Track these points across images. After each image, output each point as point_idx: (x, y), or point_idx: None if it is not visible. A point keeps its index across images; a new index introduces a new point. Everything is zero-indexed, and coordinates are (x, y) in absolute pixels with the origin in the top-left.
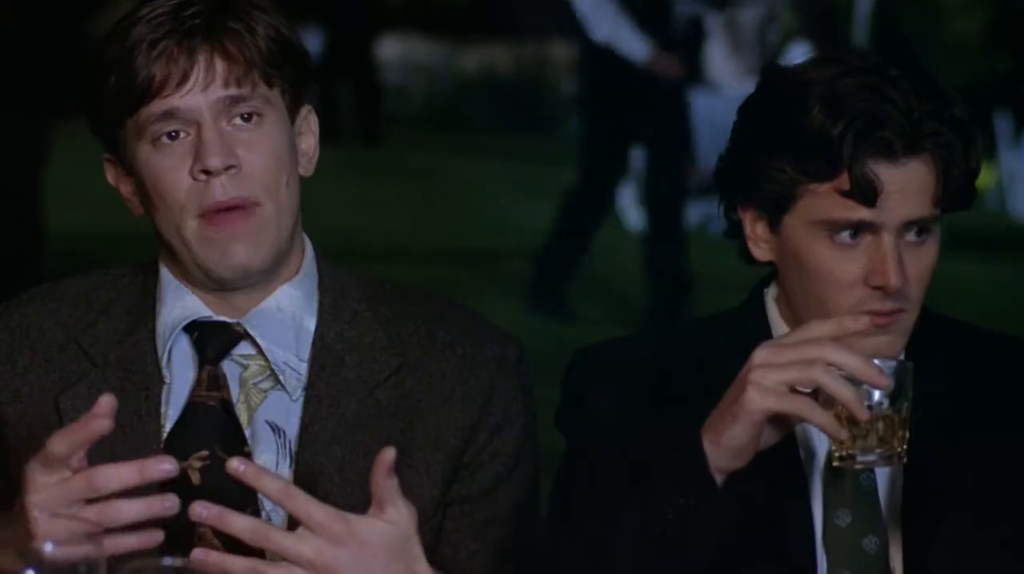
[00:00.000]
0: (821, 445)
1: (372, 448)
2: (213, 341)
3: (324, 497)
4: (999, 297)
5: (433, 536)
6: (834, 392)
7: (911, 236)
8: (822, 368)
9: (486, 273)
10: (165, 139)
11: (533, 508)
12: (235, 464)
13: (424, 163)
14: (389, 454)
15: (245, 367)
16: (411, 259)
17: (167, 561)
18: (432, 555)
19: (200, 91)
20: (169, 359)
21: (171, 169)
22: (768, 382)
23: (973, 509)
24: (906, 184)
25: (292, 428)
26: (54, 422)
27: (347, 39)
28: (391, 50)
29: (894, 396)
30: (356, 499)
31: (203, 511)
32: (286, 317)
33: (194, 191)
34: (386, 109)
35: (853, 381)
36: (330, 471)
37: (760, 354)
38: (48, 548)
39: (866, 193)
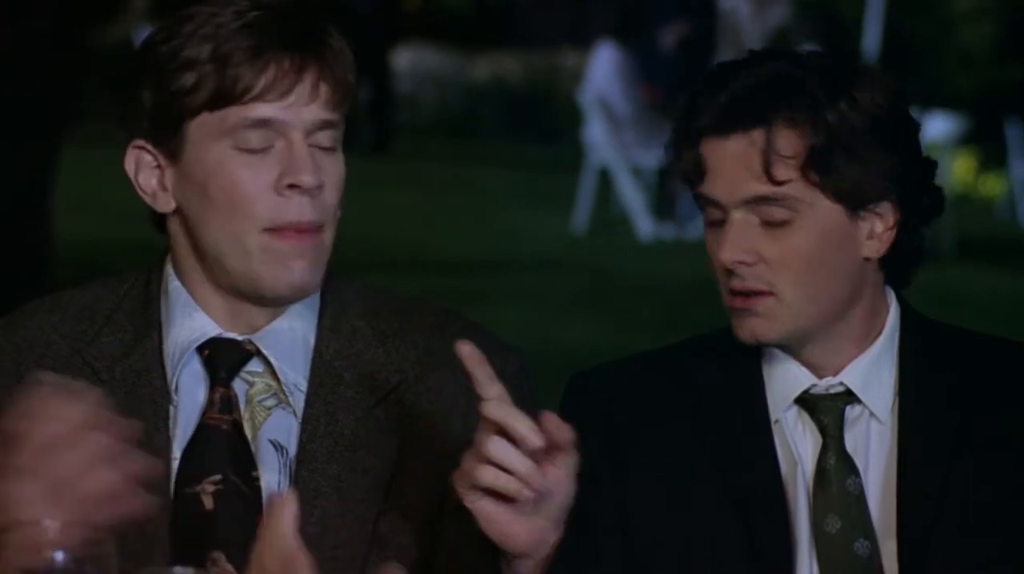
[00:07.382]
0: (806, 454)
1: (370, 466)
2: (225, 360)
3: (322, 515)
4: (1009, 306)
5: (432, 548)
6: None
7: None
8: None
9: (496, 282)
10: (254, 146)
11: None
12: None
13: (434, 172)
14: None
15: (251, 384)
16: (421, 268)
17: (178, 570)
18: (432, 567)
19: (303, 106)
20: (178, 377)
21: (253, 179)
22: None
23: (967, 514)
24: None
25: (293, 446)
26: None
27: (364, 49)
28: (402, 60)
29: None
30: (353, 518)
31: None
32: (297, 336)
33: (272, 205)
34: (397, 118)
35: None
36: (328, 490)
37: None
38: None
39: None
